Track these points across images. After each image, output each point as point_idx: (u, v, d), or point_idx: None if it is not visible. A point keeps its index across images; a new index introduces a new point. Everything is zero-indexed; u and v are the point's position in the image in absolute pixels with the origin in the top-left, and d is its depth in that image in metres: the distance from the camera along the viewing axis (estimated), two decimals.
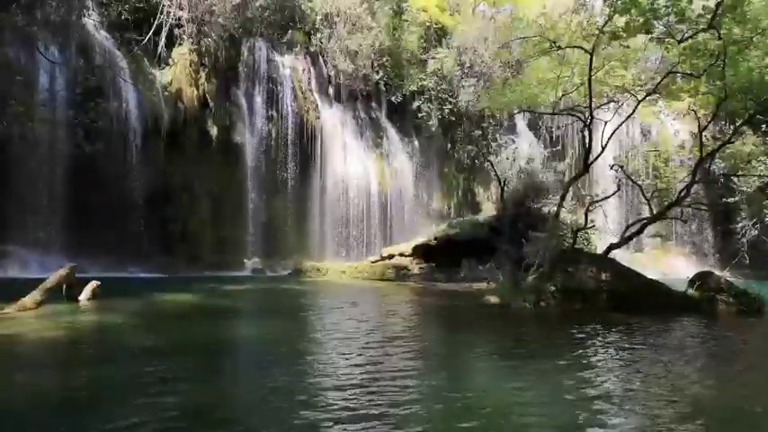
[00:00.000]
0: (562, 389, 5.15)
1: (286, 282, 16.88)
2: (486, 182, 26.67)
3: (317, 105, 23.33)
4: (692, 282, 12.10)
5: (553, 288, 11.16)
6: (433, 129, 25.97)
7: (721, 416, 4.62)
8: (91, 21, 18.36)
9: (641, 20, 11.06)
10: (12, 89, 15.14)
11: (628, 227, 13.79)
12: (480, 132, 26.45)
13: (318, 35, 23.71)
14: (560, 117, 21.03)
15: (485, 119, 25.93)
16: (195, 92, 20.17)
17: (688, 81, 12.84)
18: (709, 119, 13.95)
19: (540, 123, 27.90)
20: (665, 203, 14.90)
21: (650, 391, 5.15)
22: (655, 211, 14.04)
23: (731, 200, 22.54)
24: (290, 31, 23.44)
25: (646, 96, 13.46)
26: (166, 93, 19.37)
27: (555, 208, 14.49)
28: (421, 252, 18.93)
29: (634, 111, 14.12)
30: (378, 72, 24.47)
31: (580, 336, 8.18)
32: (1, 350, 6.25)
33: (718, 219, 25.52)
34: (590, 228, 14.77)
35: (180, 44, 20.18)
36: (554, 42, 12.81)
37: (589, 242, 16.84)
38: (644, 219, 14.37)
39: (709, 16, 10.51)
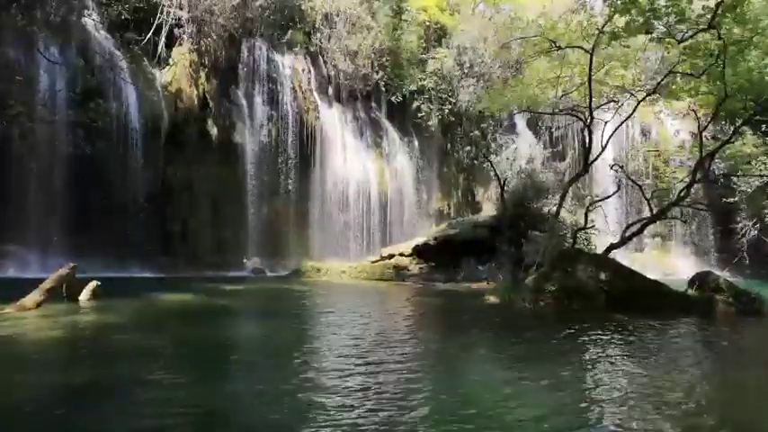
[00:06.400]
0: (561, 389, 5.15)
1: (286, 282, 16.87)
2: (486, 182, 26.67)
3: (316, 105, 23.35)
4: (691, 282, 12.07)
5: (553, 288, 11.14)
6: (433, 129, 26.01)
7: (720, 416, 4.62)
8: (91, 21, 18.38)
9: (641, 20, 11.07)
10: (12, 89, 15.14)
11: (628, 227, 13.78)
12: (480, 132, 26.47)
13: (318, 35, 23.73)
14: (560, 117, 21.04)
15: (484, 119, 25.95)
16: (195, 92, 20.19)
17: (688, 81, 12.85)
18: (709, 119, 13.97)
19: (540, 123, 27.90)
20: (665, 203, 14.89)
21: (649, 391, 5.15)
22: (655, 211, 14.04)
23: (731, 200, 22.55)
24: (289, 31, 23.46)
25: (646, 96, 13.47)
26: (166, 93, 19.39)
27: (555, 208, 14.50)
28: (421, 252, 18.92)
29: (634, 111, 14.13)
30: (378, 72, 24.49)
31: (579, 336, 8.18)
32: (0, 350, 6.25)
33: (719, 219, 25.49)
34: (590, 228, 14.76)
35: (180, 44, 20.21)
36: (554, 42, 12.83)
37: (589, 242, 16.81)
38: (644, 219, 14.37)
39: (709, 16, 10.51)
